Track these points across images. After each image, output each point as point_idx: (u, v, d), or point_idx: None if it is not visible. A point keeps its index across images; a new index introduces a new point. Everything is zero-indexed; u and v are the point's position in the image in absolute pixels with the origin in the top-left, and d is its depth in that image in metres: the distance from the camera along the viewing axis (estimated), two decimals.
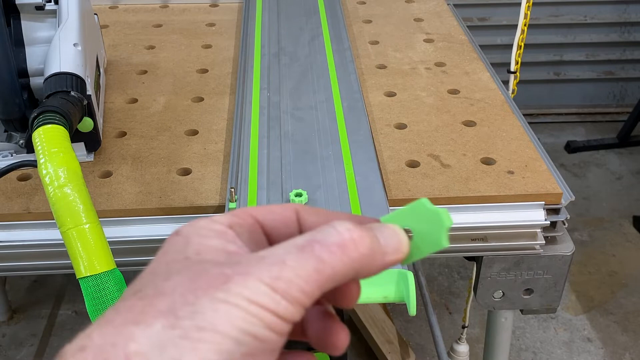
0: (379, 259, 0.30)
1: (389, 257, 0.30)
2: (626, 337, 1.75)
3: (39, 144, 0.66)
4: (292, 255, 0.27)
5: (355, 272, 0.29)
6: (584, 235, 2.07)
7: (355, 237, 0.28)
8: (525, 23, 1.12)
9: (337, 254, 0.28)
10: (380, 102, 0.97)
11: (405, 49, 1.14)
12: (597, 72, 2.58)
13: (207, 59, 1.11)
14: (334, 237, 0.28)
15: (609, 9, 2.46)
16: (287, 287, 0.26)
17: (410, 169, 0.82)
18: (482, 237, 0.78)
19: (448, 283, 1.92)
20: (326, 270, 0.27)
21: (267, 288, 0.26)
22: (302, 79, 0.98)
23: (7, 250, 0.76)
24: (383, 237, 0.30)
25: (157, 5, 1.32)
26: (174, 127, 0.92)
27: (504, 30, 2.42)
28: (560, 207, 0.78)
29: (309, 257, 0.27)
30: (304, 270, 0.27)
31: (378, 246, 0.29)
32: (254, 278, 0.26)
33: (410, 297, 0.55)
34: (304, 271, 0.27)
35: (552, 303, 0.85)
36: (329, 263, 0.27)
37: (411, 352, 1.54)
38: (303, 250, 0.28)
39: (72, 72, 0.77)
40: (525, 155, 0.84)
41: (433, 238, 0.31)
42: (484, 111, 0.95)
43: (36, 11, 0.85)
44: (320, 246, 0.28)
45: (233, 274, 0.26)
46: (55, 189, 0.61)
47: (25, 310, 1.81)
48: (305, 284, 0.27)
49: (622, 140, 2.44)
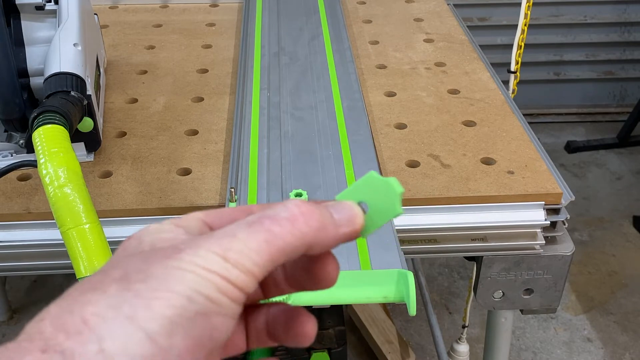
0: (331, 230, 0.30)
1: (342, 229, 0.31)
2: (626, 337, 1.75)
3: (39, 144, 0.66)
4: (242, 229, 0.28)
5: (307, 244, 0.29)
6: (584, 235, 2.07)
7: (305, 211, 0.29)
8: (525, 23, 1.12)
9: (287, 226, 0.29)
10: (380, 102, 0.97)
11: (405, 49, 1.14)
12: (597, 72, 2.58)
13: (207, 59, 1.11)
14: (284, 212, 0.29)
15: (609, 9, 2.46)
16: (238, 257, 0.27)
17: (410, 169, 0.82)
18: (482, 237, 0.78)
19: (448, 283, 1.92)
20: (276, 242, 0.28)
21: (219, 257, 0.27)
22: (302, 79, 0.98)
23: (7, 250, 0.76)
24: (336, 212, 0.31)
25: (157, 5, 1.32)
26: (174, 127, 0.92)
27: (504, 30, 2.42)
28: (560, 207, 0.78)
29: (259, 230, 0.28)
30: (254, 242, 0.28)
31: (330, 219, 0.30)
32: (206, 249, 0.27)
33: (410, 297, 0.55)
34: (254, 243, 0.28)
35: (552, 303, 0.85)
36: (279, 235, 0.28)
37: (411, 352, 1.54)
38: (253, 224, 0.28)
39: (72, 72, 0.77)
40: (525, 155, 0.84)
41: (387, 207, 0.31)
42: (484, 111, 0.95)
43: (36, 11, 0.85)
44: (270, 220, 0.29)
45: (185, 247, 0.27)
46: (55, 189, 0.61)
47: (25, 310, 1.81)
48: (256, 255, 0.28)
49: (622, 140, 2.44)
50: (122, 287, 0.26)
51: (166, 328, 0.25)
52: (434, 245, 0.79)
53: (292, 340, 0.33)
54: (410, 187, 0.78)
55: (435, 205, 0.77)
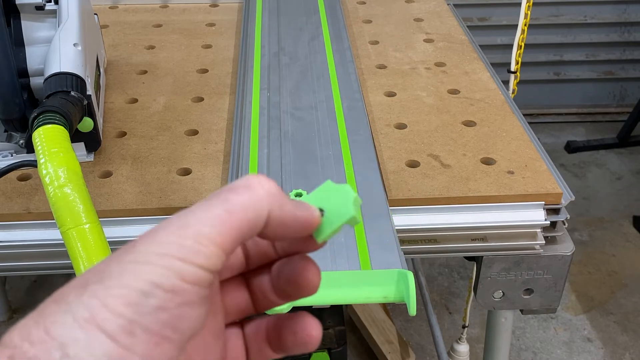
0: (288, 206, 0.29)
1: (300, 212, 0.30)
2: (626, 337, 1.75)
3: (39, 144, 0.66)
4: (199, 205, 0.27)
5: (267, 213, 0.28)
6: (584, 235, 2.07)
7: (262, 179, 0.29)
8: (525, 23, 1.12)
9: (245, 194, 0.28)
10: (380, 102, 0.97)
11: (405, 49, 1.14)
12: (597, 72, 2.58)
13: (207, 59, 1.11)
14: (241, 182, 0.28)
15: (609, 9, 2.46)
16: (196, 234, 0.26)
17: (410, 169, 0.82)
18: (482, 237, 0.78)
19: (448, 283, 1.92)
20: (236, 211, 0.27)
21: (176, 238, 0.26)
22: (302, 79, 0.98)
23: (7, 250, 0.76)
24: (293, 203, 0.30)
25: (157, 5, 1.32)
26: (174, 127, 0.92)
27: (504, 30, 2.42)
28: (560, 207, 0.78)
29: (216, 202, 0.27)
30: (213, 213, 0.27)
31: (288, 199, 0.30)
32: (162, 233, 0.26)
33: (410, 297, 0.55)
34: (212, 214, 0.27)
35: (552, 303, 0.85)
36: (238, 202, 0.27)
37: (411, 352, 1.54)
38: (210, 198, 0.28)
39: (72, 72, 0.77)
40: (525, 155, 0.84)
41: (342, 210, 0.32)
42: (484, 111, 0.95)
43: (36, 11, 0.85)
44: (227, 190, 0.28)
45: (141, 238, 0.27)
46: (55, 189, 0.61)
47: (25, 310, 1.80)
48: (218, 227, 0.27)
49: (622, 140, 2.44)
50: (80, 292, 0.25)
51: (125, 327, 0.24)
52: (434, 245, 0.79)
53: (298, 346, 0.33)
54: (410, 187, 0.78)
55: (435, 205, 0.77)
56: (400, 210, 0.77)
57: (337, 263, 0.62)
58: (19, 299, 1.85)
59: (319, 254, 0.33)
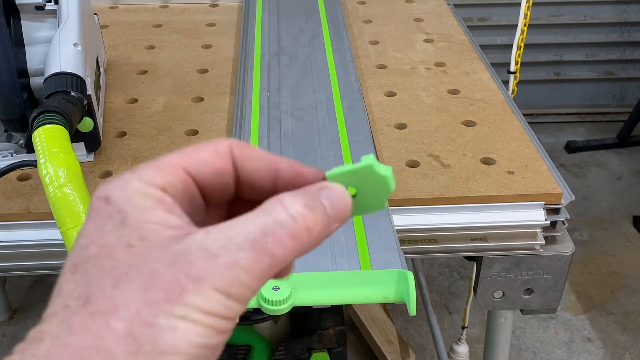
0: (325, 233, 0.29)
1: (333, 227, 0.29)
2: (626, 337, 1.75)
3: (39, 144, 0.66)
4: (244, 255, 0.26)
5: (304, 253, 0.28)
6: (584, 235, 2.07)
7: (309, 224, 0.28)
8: (525, 23, 1.12)
9: (290, 245, 0.27)
10: (380, 102, 0.97)
11: (405, 49, 1.14)
12: (597, 72, 2.58)
13: (207, 59, 1.11)
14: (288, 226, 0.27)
15: (609, 9, 2.46)
16: (240, 291, 0.26)
17: (410, 169, 0.82)
18: (482, 237, 0.78)
19: (448, 283, 1.92)
20: (278, 265, 0.27)
21: (222, 296, 0.25)
22: (302, 78, 0.98)
23: (7, 250, 0.76)
24: (331, 206, 0.29)
25: (157, 5, 1.32)
26: (174, 127, 0.92)
27: (504, 30, 2.42)
28: (560, 207, 0.78)
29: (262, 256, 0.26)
30: (258, 271, 0.26)
31: (327, 222, 0.29)
32: (208, 286, 0.25)
33: (410, 297, 0.55)
34: (257, 271, 0.26)
35: (552, 303, 0.85)
36: (281, 257, 0.27)
37: (411, 352, 1.54)
38: (256, 247, 0.26)
39: (72, 72, 0.77)
40: (525, 155, 0.84)
41: (375, 201, 0.31)
42: (484, 111, 0.95)
43: (36, 11, 0.85)
44: (273, 240, 0.27)
45: (187, 282, 0.25)
46: (55, 189, 0.61)
47: (25, 310, 1.81)
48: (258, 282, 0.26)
49: (622, 140, 2.44)
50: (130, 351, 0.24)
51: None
52: (434, 245, 0.79)
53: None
54: (410, 187, 0.78)
55: (435, 205, 0.77)
56: (400, 210, 0.77)
57: (337, 263, 0.62)
58: (19, 299, 1.84)
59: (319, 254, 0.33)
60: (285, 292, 0.57)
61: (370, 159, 0.30)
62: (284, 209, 0.28)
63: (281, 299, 0.57)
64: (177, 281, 0.25)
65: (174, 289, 0.25)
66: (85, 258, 0.26)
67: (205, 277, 0.25)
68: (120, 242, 0.26)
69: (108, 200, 0.27)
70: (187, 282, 0.25)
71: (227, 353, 0.96)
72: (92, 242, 0.26)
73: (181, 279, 0.25)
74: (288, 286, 0.58)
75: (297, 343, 0.96)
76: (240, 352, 0.96)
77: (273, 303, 0.57)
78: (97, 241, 0.26)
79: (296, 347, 0.95)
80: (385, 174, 0.30)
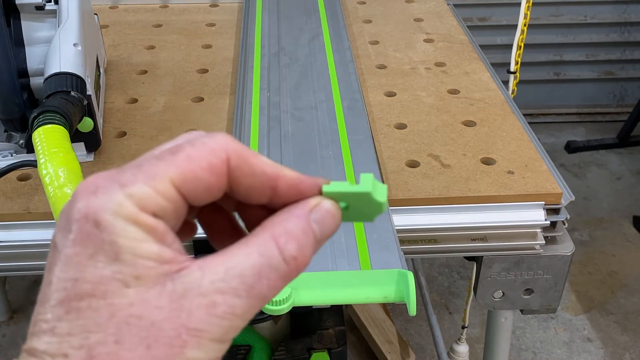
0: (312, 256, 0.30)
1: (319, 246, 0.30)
2: (626, 337, 1.75)
3: (39, 144, 0.66)
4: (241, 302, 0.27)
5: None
6: (584, 235, 2.07)
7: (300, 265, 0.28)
8: (525, 23, 1.12)
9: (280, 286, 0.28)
10: (380, 102, 0.97)
11: (405, 49, 1.14)
12: (597, 72, 2.58)
13: (207, 59, 1.11)
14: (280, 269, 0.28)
15: (609, 9, 2.46)
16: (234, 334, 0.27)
17: (410, 169, 0.82)
18: (482, 237, 0.78)
19: (448, 283, 1.92)
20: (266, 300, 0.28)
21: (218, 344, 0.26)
22: (302, 79, 0.98)
23: (7, 250, 0.76)
24: (321, 231, 0.29)
25: (157, 5, 1.32)
26: (174, 127, 0.92)
27: (504, 30, 2.42)
28: (560, 207, 0.78)
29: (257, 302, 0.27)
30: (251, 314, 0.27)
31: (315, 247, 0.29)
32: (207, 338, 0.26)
33: (410, 297, 0.55)
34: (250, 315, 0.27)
35: (552, 303, 0.85)
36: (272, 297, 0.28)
37: (411, 352, 1.54)
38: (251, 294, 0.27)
39: (72, 72, 0.77)
40: (525, 155, 0.84)
41: (364, 218, 0.31)
42: (484, 111, 0.95)
43: (36, 11, 0.85)
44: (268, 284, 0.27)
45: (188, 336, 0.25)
46: (55, 189, 0.61)
47: (25, 310, 1.81)
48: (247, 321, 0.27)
49: (622, 140, 2.44)
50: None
51: None
52: (434, 245, 0.79)
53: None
54: (410, 187, 0.78)
55: (435, 205, 0.77)
56: (400, 210, 0.77)
57: (337, 263, 0.62)
58: (19, 299, 1.85)
59: (319, 254, 0.33)
60: (285, 292, 0.57)
61: (369, 183, 0.30)
62: (278, 252, 0.28)
63: (281, 299, 0.57)
64: (177, 335, 0.25)
65: (175, 343, 0.25)
66: (79, 295, 0.25)
67: (205, 329, 0.26)
68: (115, 281, 0.25)
69: (98, 226, 0.26)
70: (188, 336, 0.25)
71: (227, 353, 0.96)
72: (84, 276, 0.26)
73: (182, 333, 0.25)
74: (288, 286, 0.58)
75: (297, 343, 0.96)
76: (240, 352, 0.96)
77: (273, 303, 0.57)
78: (89, 275, 0.26)
79: (296, 347, 0.95)
80: (381, 201, 0.30)
